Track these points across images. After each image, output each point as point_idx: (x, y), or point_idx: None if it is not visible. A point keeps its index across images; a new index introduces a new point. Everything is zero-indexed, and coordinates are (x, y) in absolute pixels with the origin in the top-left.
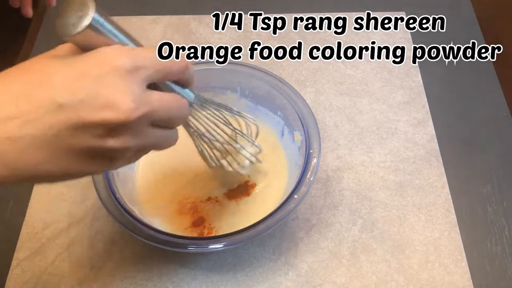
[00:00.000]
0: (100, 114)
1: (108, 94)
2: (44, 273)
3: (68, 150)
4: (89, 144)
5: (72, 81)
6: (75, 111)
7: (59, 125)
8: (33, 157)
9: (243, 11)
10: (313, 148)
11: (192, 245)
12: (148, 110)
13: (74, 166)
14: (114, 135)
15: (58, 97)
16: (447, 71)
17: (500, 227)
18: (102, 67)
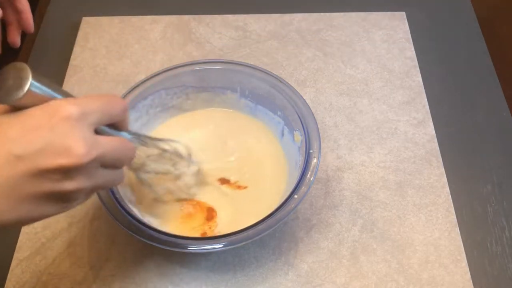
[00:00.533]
0: (56, 161)
1: (62, 141)
2: (44, 273)
3: (27, 197)
4: (47, 189)
5: (27, 133)
6: (32, 160)
7: (17, 175)
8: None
9: (243, 11)
10: (313, 148)
11: (192, 245)
12: (99, 154)
13: (34, 211)
14: (70, 178)
15: (15, 149)
16: (447, 71)
17: (500, 227)
18: (54, 118)
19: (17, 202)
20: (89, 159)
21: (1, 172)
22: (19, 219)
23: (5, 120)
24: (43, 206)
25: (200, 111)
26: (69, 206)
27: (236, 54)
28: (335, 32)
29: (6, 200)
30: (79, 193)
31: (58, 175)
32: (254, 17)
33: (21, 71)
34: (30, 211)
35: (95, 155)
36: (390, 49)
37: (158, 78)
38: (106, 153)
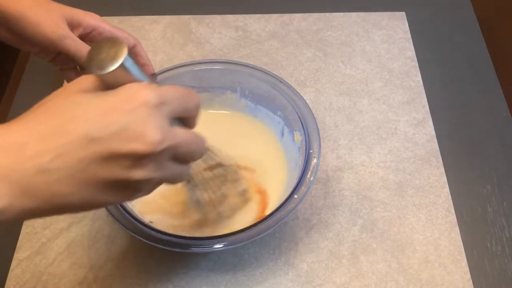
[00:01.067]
0: (129, 146)
1: (138, 127)
2: (44, 273)
3: (95, 181)
4: (116, 175)
5: (104, 115)
6: (107, 143)
7: (90, 157)
8: (62, 189)
9: (243, 11)
10: (313, 148)
11: (192, 245)
12: (172, 144)
13: (99, 197)
14: (140, 166)
15: (92, 131)
16: (447, 71)
17: (500, 227)
18: (132, 102)
19: (83, 185)
20: (163, 147)
21: (72, 153)
22: (80, 204)
23: (85, 100)
24: (108, 193)
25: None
26: (132, 197)
27: (236, 54)
28: (335, 32)
29: (72, 183)
30: (145, 184)
31: (129, 161)
32: (254, 17)
33: (117, 46)
34: (94, 196)
35: (169, 145)
36: (390, 49)
37: (158, 78)
38: (179, 144)
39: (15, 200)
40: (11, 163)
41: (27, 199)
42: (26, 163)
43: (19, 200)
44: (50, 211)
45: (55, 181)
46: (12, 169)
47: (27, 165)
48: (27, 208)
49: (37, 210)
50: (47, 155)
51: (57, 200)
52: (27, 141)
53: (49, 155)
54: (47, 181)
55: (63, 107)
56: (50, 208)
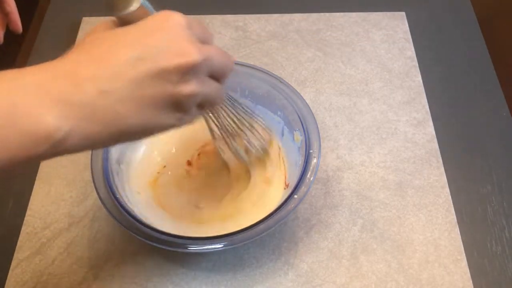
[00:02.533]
0: (174, 60)
1: (178, 44)
2: (44, 273)
3: (148, 100)
4: (167, 91)
5: (144, 36)
6: (153, 61)
7: (141, 76)
8: (122, 110)
9: (243, 11)
10: (313, 148)
11: (192, 245)
12: (208, 56)
13: (156, 118)
14: (186, 81)
15: (136, 52)
16: (447, 71)
17: (500, 227)
18: (167, 23)
19: (139, 105)
20: (202, 59)
21: (124, 74)
22: (140, 126)
23: (119, 31)
24: (162, 113)
25: None
26: (183, 119)
27: (236, 54)
28: (335, 32)
29: (130, 103)
30: (193, 100)
31: (176, 76)
32: (254, 17)
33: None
34: (151, 117)
35: (206, 56)
36: (390, 49)
37: None
38: (213, 57)
39: (78, 124)
40: (69, 87)
41: (89, 123)
42: (84, 86)
43: (81, 124)
44: (111, 136)
45: (115, 101)
46: (71, 93)
47: (85, 88)
48: (89, 133)
49: (99, 135)
50: (102, 78)
51: (118, 122)
52: (80, 67)
53: (104, 78)
54: (108, 103)
55: (101, 39)
56: (111, 133)
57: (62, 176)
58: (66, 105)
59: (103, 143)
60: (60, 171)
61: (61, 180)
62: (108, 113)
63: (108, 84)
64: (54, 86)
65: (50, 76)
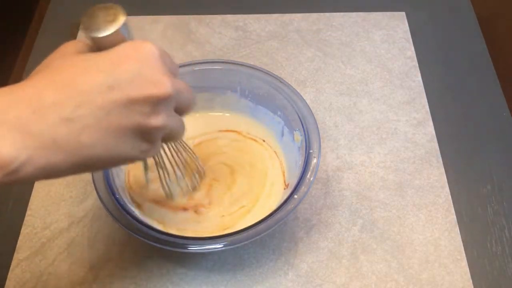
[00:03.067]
0: (147, 91)
1: (151, 74)
2: (44, 273)
3: (117, 129)
4: (135, 121)
5: (117, 64)
6: (124, 90)
7: (110, 104)
8: (87, 139)
9: (244, 11)
10: (313, 148)
11: (192, 245)
12: (179, 89)
13: (121, 147)
14: (156, 112)
15: (108, 79)
16: (447, 71)
17: (500, 227)
18: (140, 52)
19: (105, 134)
20: (174, 91)
21: (91, 102)
22: (104, 156)
23: (89, 57)
24: (128, 143)
25: (201, 113)
26: (148, 151)
27: (236, 54)
28: (335, 32)
29: (95, 132)
30: (161, 132)
31: (147, 107)
32: (254, 17)
33: (113, 10)
34: (116, 147)
35: (177, 89)
36: (390, 49)
37: None
38: (182, 90)
39: (36, 153)
40: (28, 114)
41: (49, 152)
42: (47, 113)
43: (40, 153)
44: (72, 166)
45: (79, 130)
46: (31, 121)
47: (47, 115)
48: (48, 163)
49: (59, 165)
50: (67, 105)
51: (82, 152)
52: (43, 93)
53: (70, 105)
54: (71, 131)
55: (69, 63)
56: (73, 162)
57: None
58: (24, 133)
59: (63, 173)
60: None
61: (61, 180)
62: (71, 142)
63: (71, 111)
64: (12, 112)
65: (8, 101)
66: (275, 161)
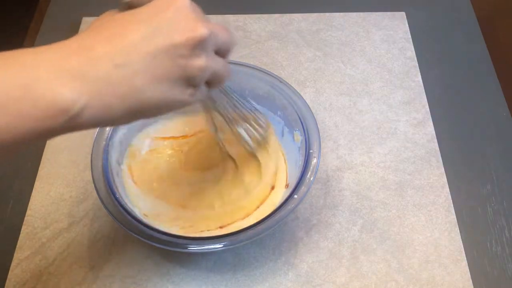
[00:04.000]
0: (185, 35)
1: (186, 20)
2: (44, 273)
3: (164, 73)
4: (180, 64)
5: (154, 15)
6: (165, 35)
7: (154, 49)
8: (138, 82)
9: (243, 11)
10: (313, 148)
11: (192, 245)
12: (214, 32)
13: (169, 91)
14: (196, 54)
15: (148, 27)
16: (447, 71)
17: (500, 227)
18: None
19: (154, 78)
20: (209, 33)
21: (138, 48)
22: (156, 98)
23: (131, 12)
24: (175, 86)
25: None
26: (194, 94)
27: (236, 54)
28: (335, 32)
29: (145, 76)
30: (203, 74)
31: (187, 49)
32: (254, 17)
33: None
34: (165, 90)
35: (212, 31)
36: (390, 49)
37: None
38: (218, 33)
39: (94, 97)
40: (83, 63)
41: (105, 96)
42: (99, 61)
43: (98, 97)
44: (127, 110)
45: (130, 74)
46: (86, 68)
47: (100, 63)
48: (105, 106)
49: (115, 109)
50: (118, 53)
51: (135, 95)
52: (95, 45)
53: (118, 53)
54: (123, 76)
55: (112, 22)
56: (126, 107)
57: (62, 176)
58: (82, 80)
59: (119, 118)
60: (60, 171)
61: (61, 180)
62: (124, 86)
63: (122, 58)
64: (68, 63)
65: (65, 53)
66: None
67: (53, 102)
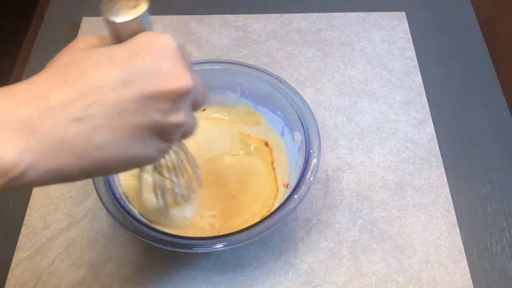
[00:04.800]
0: (166, 86)
1: (170, 67)
2: (44, 273)
3: (133, 128)
4: (154, 119)
5: (133, 58)
6: (141, 85)
7: (125, 101)
8: (99, 139)
9: (243, 11)
10: (313, 148)
11: (192, 245)
12: (196, 85)
13: (137, 148)
14: (176, 108)
15: (124, 74)
16: (447, 71)
17: (500, 227)
18: (157, 44)
19: (119, 134)
20: (193, 86)
21: (103, 99)
22: (117, 157)
23: (103, 50)
24: (144, 143)
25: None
26: (163, 150)
27: (236, 54)
28: (335, 32)
29: (108, 132)
30: (179, 129)
31: (166, 103)
32: (254, 17)
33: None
34: (132, 147)
35: (195, 85)
36: (390, 49)
37: None
38: (199, 85)
39: (43, 155)
40: (35, 114)
41: (56, 155)
42: (56, 113)
43: (47, 156)
44: (82, 169)
45: (91, 130)
46: (40, 121)
47: (57, 115)
48: (55, 166)
49: (67, 168)
50: (78, 104)
51: (94, 153)
52: (52, 91)
53: (80, 103)
54: (82, 131)
55: (80, 58)
56: (82, 165)
57: None
58: (30, 135)
59: (74, 177)
60: None
61: None
62: (81, 144)
63: (83, 110)
64: (17, 113)
65: (14, 101)
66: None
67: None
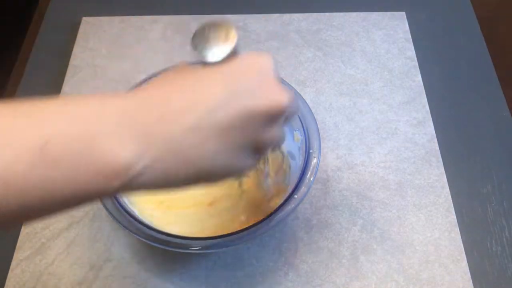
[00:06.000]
0: (267, 104)
1: (270, 87)
2: (44, 273)
3: (237, 142)
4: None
5: (236, 76)
6: (246, 102)
7: (233, 114)
8: (211, 148)
9: (243, 11)
10: (313, 148)
11: (192, 245)
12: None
13: (237, 159)
14: (272, 125)
15: (230, 89)
16: (447, 71)
17: (500, 227)
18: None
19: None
20: (289, 106)
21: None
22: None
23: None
24: (244, 155)
25: None
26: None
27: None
28: (335, 32)
29: (219, 142)
30: (272, 144)
31: (265, 120)
32: (254, 17)
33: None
34: (234, 158)
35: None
36: (390, 49)
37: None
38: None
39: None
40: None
41: (172, 160)
42: (172, 120)
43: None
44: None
45: (204, 139)
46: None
47: (173, 122)
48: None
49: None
50: (195, 112)
51: (202, 162)
52: (168, 100)
53: (197, 113)
54: (197, 140)
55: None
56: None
57: None
58: (148, 139)
59: (178, 184)
60: None
61: None
62: (194, 151)
63: (200, 119)
64: (137, 117)
65: (134, 105)
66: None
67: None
